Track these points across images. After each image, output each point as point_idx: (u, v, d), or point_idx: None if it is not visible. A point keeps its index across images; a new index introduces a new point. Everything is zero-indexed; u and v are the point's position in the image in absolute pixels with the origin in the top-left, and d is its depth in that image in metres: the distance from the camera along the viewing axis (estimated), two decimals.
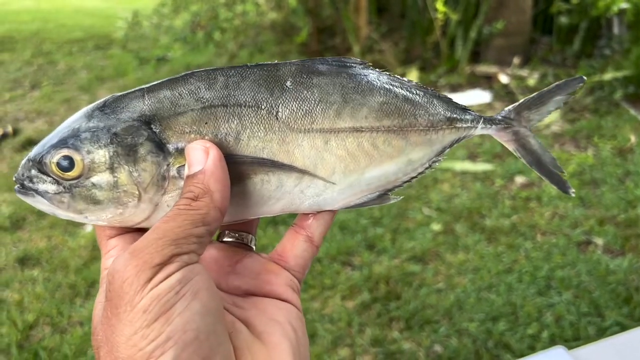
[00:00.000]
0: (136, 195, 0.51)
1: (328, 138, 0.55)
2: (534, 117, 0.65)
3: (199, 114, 0.52)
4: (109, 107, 0.52)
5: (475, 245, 2.79)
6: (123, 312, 0.42)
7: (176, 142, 0.52)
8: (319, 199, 0.56)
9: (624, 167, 3.45)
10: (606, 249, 2.72)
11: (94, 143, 0.51)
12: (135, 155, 0.51)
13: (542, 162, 0.65)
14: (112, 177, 0.51)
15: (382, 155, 0.57)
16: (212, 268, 0.56)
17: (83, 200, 0.52)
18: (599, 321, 2.26)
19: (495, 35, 5.13)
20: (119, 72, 6.03)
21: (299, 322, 0.54)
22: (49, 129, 4.56)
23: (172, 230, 0.45)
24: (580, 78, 0.64)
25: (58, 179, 0.51)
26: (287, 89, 0.54)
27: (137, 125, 0.51)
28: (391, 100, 0.57)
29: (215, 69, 0.55)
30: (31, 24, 8.58)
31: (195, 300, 0.43)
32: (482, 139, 3.98)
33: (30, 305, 2.54)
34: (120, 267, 0.44)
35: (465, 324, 2.30)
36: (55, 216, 0.54)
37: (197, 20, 5.50)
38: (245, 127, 0.52)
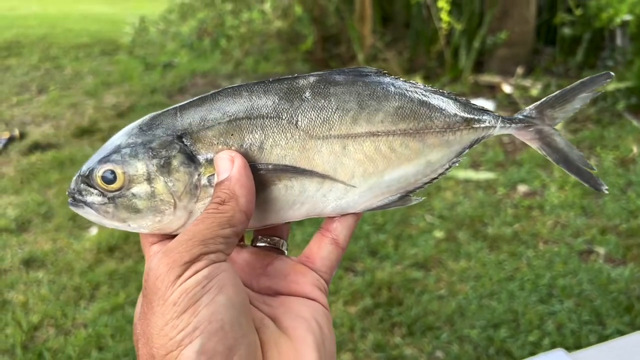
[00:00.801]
0: (172, 204, 0.56)
1: (346, 143, 0.57)
2: (558, 115, 0.65)
3: (225, 126, 0.56)
4: (146, 125, 0.57)
5: (477, 253, 2.81)
6: (156, 306, 0.47)
7: (206, 153, 0.56)
8: (341, 202, 0.59)
9: (626, 177, 3.46)
10: (608, 258, 2.73)
11: (132, 157, 0.55)
12: (170, 166, 0.55)
13: (570, 159, 0.64)
14: (149, 187, 0.56)
15: (400, 158, 0.59)
16: (245, 270, 0.60)
17: (125, 210, 0.56)
18: (600, 329, 2.27)
19: (498, 46, 5.16)
20: (125, 78, 6.08)
21: (324, 318, 0.57)
22: (55, 133, 4.62)
23: (200, 231, 0.50)
24: (607, 74, 0.64)
25: (103, 191, 0.56)
26: (305, 99, 0.57)
27: (170, 140, 0.56)
28: (406, 105, 0.59)
29: (240, 85, 0.58)
30: (38, 28, 8.66)
31: (221, 294, 0.47)
32: (485, 147, 4.01)
33: (35, 306, 2.56)
34: (154, 265, 0.48)
35: (466, 330, 2.31)
36: (103, 226, 0.58)
37: (204, 27, 5.56)
38: (267, 137, 0.56)
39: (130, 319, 2.44)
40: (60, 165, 4.01)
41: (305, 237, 2.90)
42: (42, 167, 3.99)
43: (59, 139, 4.52)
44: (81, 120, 4.92)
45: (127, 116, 4.99)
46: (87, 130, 4.68)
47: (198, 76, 6.02)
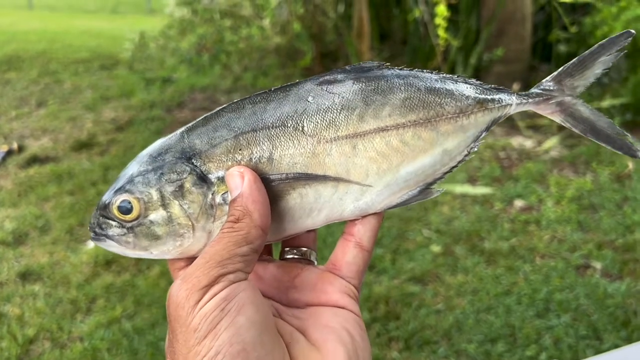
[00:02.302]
0: (190, 226, 0.55)
1: (355, 143, 0.56)
2: (579, 83, 0.61)
3: (232, 142, 0.55)
4: (156, 152, 0.57)
5: (475, 267, 2.81)
6: (179, 334, 0.47)
7: (216, 171, 0.55)
8: (360, 204, 0.57)
9: (622, 192, 3.49)
10: (604, 272, 2.74)
11: (145, 185, 0.55)
12: (182, 189, 0.55)
13: (598, 128, 0.61)
14: (165, 212, 0.55)
15: (414, 150, 0.57)
16: (273, 285, 0.59)
17: (145, 238, 0.56)
18: (597, 344, 2.27)
19: (495, 62, 5.22)
20: (124, 92, 6.12)
21: (356, 326, 0.55)
22: (53, 147, 4.63)
23: (217, 253, 0.49)
24: (628, 32, 0.59)
25: (121, 222, 0.56)
26: (309, 104, 0.56)
27: (180, 163, 0.55)
28: (413, 95, 0.57)
29: (243, 98, 0.58)
30: (38, 43, 8.72)
31: (240, 314, 0.47)
32: (482, 162, 4.03)
33: (30, 319, 2.55)
34: (174, 292, 0.48)
35: (464, 345, 2.31)
36: (127, 256, 0.58)
37: (203, 42, 5.62)
38: (276, 147, 0.55)
39: (126, 332, 2.43)
40: (58, 179, 4.02)
41: None
42: (40, 181, 3.99)
43: (57, 153, 4.53)
44: (80, 134, 4.93)
45: (126, 130, 5.01)
46: (86, 144, 4.69)
47: (197, 91, 6.06)
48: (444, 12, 4.70)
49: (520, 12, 5.17)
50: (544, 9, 5.63)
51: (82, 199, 3.70)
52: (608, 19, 4.70)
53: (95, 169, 4.18)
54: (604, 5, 4.92)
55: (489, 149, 4.27)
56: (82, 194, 3.79)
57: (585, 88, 0.62)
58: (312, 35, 6.02)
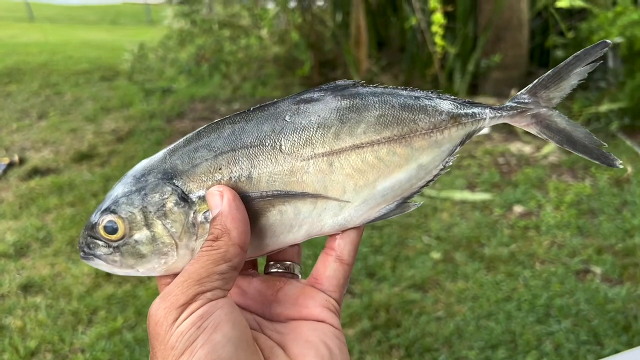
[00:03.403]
0: (173, 244, 0.57)
1: (332, 160, 0.57)
2: (554, 95, 0.62)
3: (212, 162, 0.57)
4: (139, 173, 0.59)
5: (475, 274, 2.82)
6: (158, 351, 0.48)
7: (197, 191, 0.57)
8: (339, 219, 0.59)
9: (621, 197, 3.49)
10: (604, 277, 2.74)
11: (129, 205, 0.57)
12: (165, 209, 0.57)
13: (575, 139, 0.61)
14: (149, 232, 0.57)
15: (390, 166, 0.58)
16: (256, 299, 0.60)
17: (131, 257, 0.58)
18: (598, 349, 2.27)
19: (492, 68, 5.25)
20: (124, 103, 6.15)
21: (335, 340, 0.57)
22: (54, 158, 4.65)
23: (195, 271, 0.50)
24: (603, 43, 0.60)
25: (108, 242, 0.58)
26: (286, 123, 0.57)
27: (162, 184, 0.57)
28: (387, 112, 0.58)
29: (223, 119, 0.59)
30: (39, 56, 8.77)
31: (216, 332, 0.48)
32: (481, 168, 4.04)
33: (32, 331, 2.56)
34: (153, 310, 0.49)
35: (464, 351, 2.31)
36: (115, 274, 0.60)
37: (202, 53, 5.65)
38: (254, 166, 0.57)
39: (128, 343, 2.44)
40: (59, 190, 4.03)
41: None
42: (41, 192, 4.01)
43: (58, 164, 4.55)
44: (80, 146, 4.96)
45: (127, 141, 5.04)
46: (87, 155, 4.71)
47: (197, 101, 6.08)
48: (440, 20, 4.73)
49: (517, 18, 5.20)
50: (540, 15, 5.66)
51: (83, 211, 3.71)
52: (604, 25, 4.72)
53: (96, 180, 4.20)
54: (601, 10, 4.95)
55: (488, 155, 4.29)
56: (83, 205, 3.80)
57: (562, 99, 0.62)
58: (310, 44, 6.05)
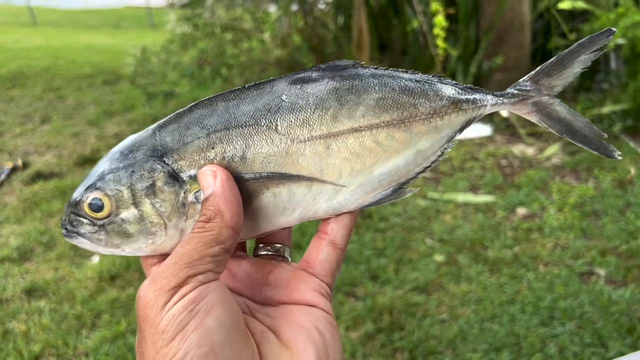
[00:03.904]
0: (162, 224, 0.55)
1: (329, 143, 0.56)
2: (556, 83, 0.61)
3: (205, 140, 0.55)
4: (127, 149, 0.57)
5: (478, 276, 2.81)
6: (147, 334, 0.47)
7: (188, 170, 0.55)
8: (333, 203, 0.57)
9: (624, 198, 3.48)
10: (608, 279, 2.73)
11: (116, 183, 0.55)
12: (154, 187, 0.55)
13: (575, 128, 0.61)
14: (137, 211, 0.55)
15: (387, 151, 0.57)
16: (246, 282, 0.59)
17: (117, 236, 0.56)
18: (603, 352, 2.26)
19: (495, 70, 5.24)
20: (127, 107, 6.16)
21: (327, 325, 0.55)
22: (57, 162, 4.66)
23: (187, 253, 0.49)
24: (609, 30, 0.59)
25: (93, 220, 0.56)
26: (283, 102, 0.55)
27: (152, 161, 0.55)
28: (387, 95, 0.57)
29: (216, 95, 0.57)
30: (42, 60, 8.80)
31: (209, 316, 0.47)
32: (484, 170, 4.04)
33: (36, 335, 2.56)
34: (142, 292, 0.48)
35: (468, 354, 2.30)
36: (99, 253, 0.59)
37: (204, 56, 5.66)
38: (249, 146, 0.55)
39: (131, 347, 2.44)
40: (63, 195, 4.04)
41: None
42: (44, 197, 4.02)
43: (61, 168, 4.56)
44: (83, 150, 4.97)
45: None
46: (89, 159, 4.72)
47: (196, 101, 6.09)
48: (442, 23, 4.73)
49: (519, 20, 5.20)
50: (542, 17, 5.66)
51: None
52: (606, 26, 4.72)
53: None
54: (603, 12, 4.95)
55: (491, 157, 4.28)
56: None
57: (564, 87, 0.62)
58: (312, 47, 6.06)
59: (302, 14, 6.22)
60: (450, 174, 4.07)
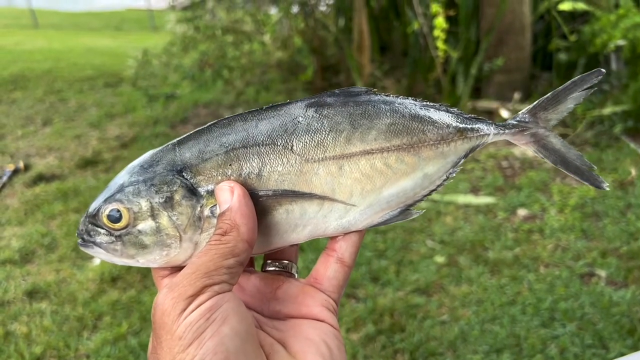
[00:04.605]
0: (177, 237, 0.57)
1: (342, 163, 0.58)
2: (552, 117, 0.65)
3: (223, 157, 0.57)
4: (147, 163, 0.59)
5: (479, 278, 2.81)
6: (164, 341, 0.48)
7: (206, 185, 0.57)
8: (343, 222, 0.60)
9: (625, 199, 3.48)
10: (609, 280, 2.73)
11: (135, 195, 0.57)
12: (172, 201, 0.57)
13: (568, 160, 0.65)
14: (154, 223, 0.57)
15: (397, 173, 0.60)
16: (255, 296, 0.61)
17: (133, 247, 0.57)
18: (604, 353, 2.27)
19: (495, 72, 5.25)
20: (128, 109, 6.18)
21: (334, 339, 0.57)
22: (59, 164, 4.67)
23: (204, 264, 0.51)
24: (598, 71, 0.63)
25: (110, 230, 0.58)
26: (299, 124, 0.58)
27: (171, 175, 0.57)
28: (398, 121, 0.60)
29: (235, 115, 0.60)
30: (44, 62, 8.82)
31: (225, 324, 0.48)
32: (484, 172, 4.04)
33: (37, 337, 2.56)
34: (160, 300, 0.49)
35: (469, 356, 2.31)
36: (113, 263, 0.60)
37: (205, 58, 5.67)
38: (265, 164, 0.57)
39: (132, 349, 2.44)
40: (64, 197, 4.05)
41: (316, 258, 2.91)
42: (46, 199, 4.03)
43: (63, 170, 4.57)
44: (85, 152, 4.98)
45: (131, 147, 5.06)
46: (91, 161, 4.74)
47: (200, 107, 6.11)
48: (442, 24, 4.74)
49: (520, 21, 5.20)
50: (543, 18, 5.66)
51: None
52: (607, 27, 4.72)
53: (101, 186, 4.21)
54: (603, 13, 4.95)
55: (492, 158, 4.28)
56: None
57: (558, 121, 0.65)
58: (313, 49, 6.07)
59: (302, 16, 6.23)
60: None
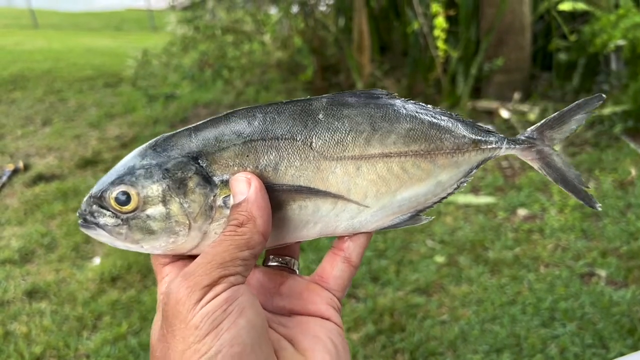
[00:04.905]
0: (187, 225, 0.55)
1: (359, 164, 0.58)
2: (556, 136, 0.67)
3: (240, 148, 0.56)
4: (160, 146, 0.57)
5: (479, 277, 2.81)
6: (177, 330, 0.47)
7: (221, 174, 0.56)
8: (354, 222, 0.60)
9: (625, 199, 3.48)
10: (609, 280, 2.73)
11: (147, 179, 0.55)
12: (185, 188, 0.55)
13: (567, 178, 0.67)
14: (164, 209, 0.55)
15: (412, 178, 0.61)
16: (258, 290, 0.60)
17: (139, 231, 0.55)
18: (604, 353, 2.26)
19: (495, 72, 5.25)
20: (128, 109, 6.17)
21: (339, 337, 0.57)
22: (59, 164, 4.66)
23: (219, 254, 0.50)
24: (599, 96, 0.67)
25: (116, 213, 0.55)
26: (319, 121, 0.58)
27: (186, 161, 0.55)
28: (417, 127, 0.61)
29: (254, 106, 0.59)
30: (43, 63, 8.82)
31: (241, 317, 0.48)
32: (484, 172, 4.04)
33: (37, 337, 2.56)
34: (174, 288, 0.48)
35: (469, 355, 2.30)
36: (115, 247, 0.57)
37: (205, 58, 5.67)
38: (282, 158, 0.57)
39: (132, 349, 2.44)
40: (64, 196, 4.05)
41: (317, 257, 2.91)
42: (45, 198, 4.02)
43: (62, 170, 4.57)
44: (85, 152, 4.98)
45: (130, 147, 5.05)
46: (91, 161, 4.73)
47: (200, 107, 6.10)
48: (442, 24, 4.74)
49: (519, 21, 5.20)
50: (543, 18, 5.66)
51: None
52: (607, 27, 4.72)
53: None
54: (603, 13, 4.95)
55: None
56: None
57: (561, 142, 0.69)
58: (313, 49, 6.06)
59: (302, 16, 6.23)
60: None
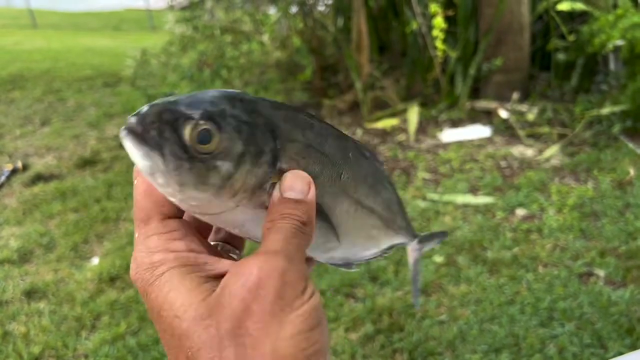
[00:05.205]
0: (234, 192, 0.52)
1: (357, 208, 0.64)
2: None
3: (301, 147, 0.56)
4: (247, 105, 0.53)
5: (477, 277, 2.81)
6: (280, 312, 0.45)
7: (284, 162, 0.54)
8: (326, 254, 0.65)
9: (623, 199, 3.49)
10: (608, 280, 2.74)
11: (236, 132, 0.51)
12: (259, 159, 0.52)
13: None
14: (232, 169, 0.51)
15: (372, 239, 0.71)
16: None
17: (194, 176, 0.49)
18: (602, 353, 2.27)
19: (494, 72, 5.25)
20: (127, 109, 6.17)
21: None
22: (57, 164, 4.66)
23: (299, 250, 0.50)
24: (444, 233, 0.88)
25: (189, 147, 0.48)
26: (349, 159, 0.62)
27: (269, 136, 0.53)
28: (393, 198, 0.72)
29: (312, 115, 0.60)
30: (42, 62, 8.81)
31: (325, 320, 0.48)
32: (483, 172, 4.04)
33: (36, 337, 2.56)
34: (281, 268, 0.46)
35: (468, 355, 2.31)
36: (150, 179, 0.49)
37: (204, 58, 5.66)
38: (320, 174, 0.58)
39: (131, 349, 2.44)
40: (63, 196, 4.05)
41: None
42: (44, 198, 4.02)
43: (61, 170, 4.57)
44: (83, 151, 4.98)
45: None
46: (90, 161, 4.73)
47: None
48: (441, 24, 4.74)
49: (518, 22, 5.20)
50: (541, 19, 5.66)
51: (86, 216, 3.73)
52: (605, 27, 4.73)
53: (99, 186, 4.21)
54: (601, 13, 4.96)
55: (490, 158, 4.29)
56: (86, 211, 3.82)
57: None
58: (311, 49, 6.06)
59: (301, 16, 6.22)
60: (449, 175, 4.08)
